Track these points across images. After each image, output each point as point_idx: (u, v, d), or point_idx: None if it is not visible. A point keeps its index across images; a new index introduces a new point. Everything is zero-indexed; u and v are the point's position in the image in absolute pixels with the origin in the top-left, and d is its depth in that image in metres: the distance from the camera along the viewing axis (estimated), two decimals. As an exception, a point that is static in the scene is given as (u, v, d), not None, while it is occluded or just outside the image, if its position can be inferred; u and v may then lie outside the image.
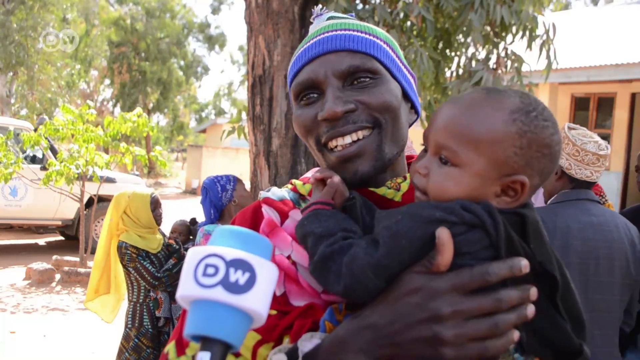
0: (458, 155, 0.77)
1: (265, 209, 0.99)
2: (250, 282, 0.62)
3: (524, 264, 0.70)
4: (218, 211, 3.25)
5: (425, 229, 0.70)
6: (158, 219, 3.60)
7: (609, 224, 2.26)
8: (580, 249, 2.21)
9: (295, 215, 0.96)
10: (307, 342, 0.78)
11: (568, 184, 2.38)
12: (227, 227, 0.69)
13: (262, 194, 1.02)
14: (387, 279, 0.72)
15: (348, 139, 0.91)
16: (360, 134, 0.92)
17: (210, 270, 0.62)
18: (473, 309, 0.68)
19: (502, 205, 0.77)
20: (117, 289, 3.75)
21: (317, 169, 1.07)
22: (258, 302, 0.63)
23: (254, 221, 1.01)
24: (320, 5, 1.12)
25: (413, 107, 1.04)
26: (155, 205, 3.59)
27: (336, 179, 0.91)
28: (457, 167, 0.77)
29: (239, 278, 0.62)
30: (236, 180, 3.31)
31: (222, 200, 3.22)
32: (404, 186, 0.97)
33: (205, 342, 0.62)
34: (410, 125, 1.04)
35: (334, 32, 0.96)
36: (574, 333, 0.76)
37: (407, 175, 0.99)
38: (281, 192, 1.01)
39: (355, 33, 0.96)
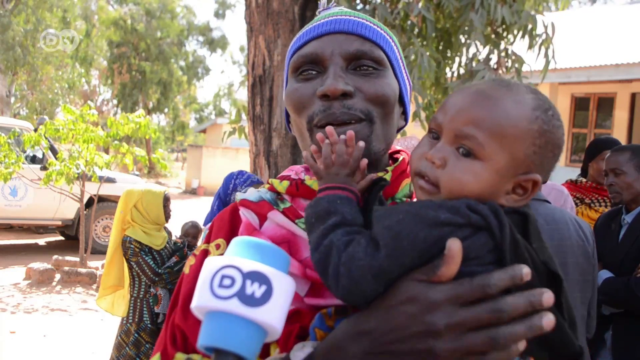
0: (484, 148, 0.72)
1: (242, 212, 0.96)
2: (267, 295, 0.62)
3: (525, 272, 0.65)
4: (223, 207, 3.24)
5: (429, 231, 0.66)
6: (167, 216, 3.71)
7: (557, 222, 2.21)
8: None
9: (274, 217, 0.93)
10: (299, 352, 0.75)
11: None
12: (245, 237, 0.68)
13: (239, 196, 0.98)
14: (386, 284, 0.68)
15: (339, 129, 0.88)
16: (351, 126, 0.89)
17: (227, 282, 0.62)
18: (470, 321, 0.64)
19: (510, 203, 0.74)
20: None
21: (296, 166, 1.04)
22: (274, 316, 0.62)
23: (232, 224, 0.98)
24: None
25: (404, 112, 1.02)
26: (166, 202, 3.70)
27: (365, 161, 0.87)
28: (481, 160, 0.73)
29: (255, 290, 0.61)
30: (252, 184, 3.28)
31: (229, 197, 3.23)
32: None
33: (219, 354, 0.61)
34: (398, 131, 1.01)
35: (346, 17, 0.95)
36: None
37: (389, 169, 0.95)
38: (258, 193, 0.98)
39: (366, 22, 0.96)
